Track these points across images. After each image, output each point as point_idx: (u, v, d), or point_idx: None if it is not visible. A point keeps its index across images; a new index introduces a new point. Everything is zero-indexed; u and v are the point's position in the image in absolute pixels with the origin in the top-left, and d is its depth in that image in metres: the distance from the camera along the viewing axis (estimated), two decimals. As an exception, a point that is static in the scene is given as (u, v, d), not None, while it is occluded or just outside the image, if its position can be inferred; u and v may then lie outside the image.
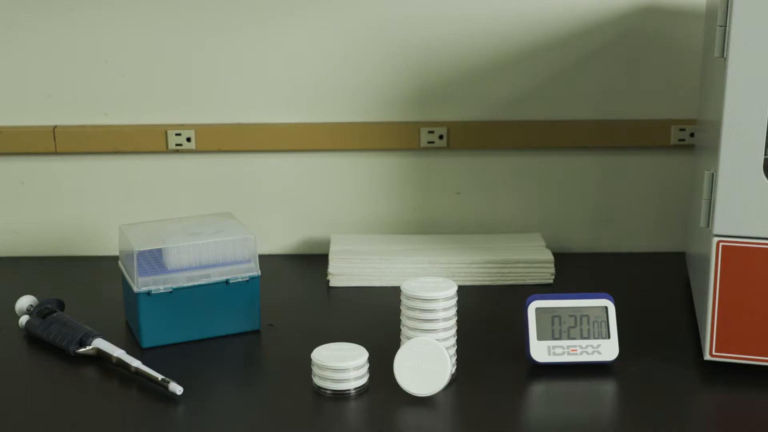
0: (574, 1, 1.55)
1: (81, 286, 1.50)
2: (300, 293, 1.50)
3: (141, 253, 1.28)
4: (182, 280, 1.28)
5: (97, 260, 1.59)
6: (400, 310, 1.19)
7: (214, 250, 1.30)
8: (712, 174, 1.17)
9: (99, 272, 1.54)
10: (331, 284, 1.50)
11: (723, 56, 1.13)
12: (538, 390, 1.19)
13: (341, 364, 1.14)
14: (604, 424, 1.13)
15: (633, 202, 1.64)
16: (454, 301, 1.18)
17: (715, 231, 1.17)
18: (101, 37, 1.56)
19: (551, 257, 1.51)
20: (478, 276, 1.50)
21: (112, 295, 1.41)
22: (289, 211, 1.64)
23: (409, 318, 1.17)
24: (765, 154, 1.15)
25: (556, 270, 1.52)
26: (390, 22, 1.56)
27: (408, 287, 1.17)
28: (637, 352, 1.26)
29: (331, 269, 1.50)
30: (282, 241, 1.65)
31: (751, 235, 1.16)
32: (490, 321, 1.36)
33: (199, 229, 1.34)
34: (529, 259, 1.51)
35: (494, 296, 1.46)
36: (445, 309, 1.17)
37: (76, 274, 1.56)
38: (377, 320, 1.35)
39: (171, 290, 1.27)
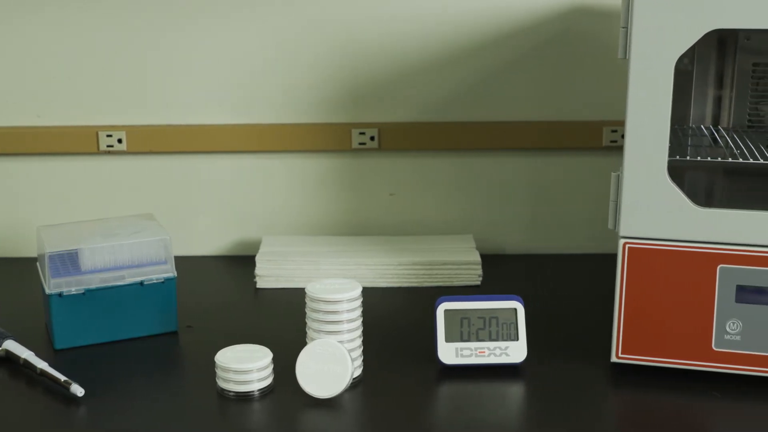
0: (506, 2, 1.55)
1: (6, 288, 1.50)
2: (227, 294, 1.50)
3: (54, 255, 1.28)
4: (96, 282, 1.28)
5: (27, 261, 1.58)
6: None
7: (129, 252, 1.30)
8: (618, 176, 1.17)
9: (27, 273, 1.53)
10: (258, 286, 1.50)
11: (626, 57, 1.13)
12: (445, 392, 1.19)
13: (244, 366, 1.14)
14: (509, 426, 1.13)
15: (567, 203, 1.64)
16: (359, 302, 1.18)
17: (621, 233, 1.17)
18: (33, 39, 1.56)
19: (478, 259, 1.51)
20: (404, 277, 1.50)
21: (35, 296, 1.41)
22: (221, 213, 1.64)
23: (314, 320, 1.17)
24: (669, 156, 1.15)
25: (488, 271, 1.52)
26: (321, 24, 1.56)
27: (312, 289, 1.17)
28: (550, 354, 1.26)
29: (257, 271, 1.50)
30: (215, 242, 1.65)
31: (657, 237, 1.16)
32: (407, 323, 1.36)
33: (117, 230, 1.33)
34: (456, 260, 1.51)
35: (419, 298, 1.46)
36: (349, 311, 1.16)
37: (2, 275, 1.56)
38: (301, 322, 1.34)
39: (83, 292, 1.27)
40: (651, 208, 1.15)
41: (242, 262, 1.60)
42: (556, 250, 1.65)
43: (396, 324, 1.36)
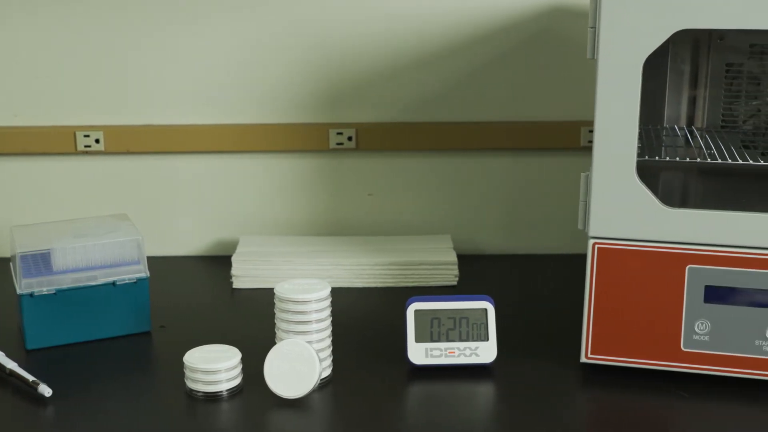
0: (484, 2, 1.55)
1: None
2: (203, 295, 1.50)
3: (25, 255, 1.28)
4: (68, 282, 1.28)
5: (2, 261, 1.59)
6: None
7: (102, 252, 1.30)
8: (587, 176, 1.17)
9: (1, 273, 1.53)
10: (234, 286, 1.50)
11: (594, 57, 1.13)
12: (415, 392, 1.19)
13: (212, 366, 1.14)
14: (477, 426, 1.13)
15: (545, 203, 1.64)
16: (328, 302, 1.18)
17: (591, 233, 1.17)
18: (10, 39, 1.56)
19: (455, 259, 1.51)
20: (380, 278, 1.50)
21: (8, 297, 1.41)
22: (200, 213, 1.64)
23: (282, 320, 1.17)
24: (642, 156, 1.15)
25: (466, 271, 1.52)
26: (298, 24, 1.56)
27: (281, 289, 1.17)
28: (521, 354, 1.26)
29: (234, 271, 1.50)
30: (193, 242, 1.65)
31: (626, 237, 1.16)
32: (381, 323, 1.36)
33: (90, 230, 1.33)
34: (433, 260, 1.51)
35: (395, 298, 1.46)
36: (318, 311, 1.16)
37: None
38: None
39: (54, 292, 1.27)
40: (620, 208, 1.15)
41: (220, 262, 1.60)
42: (534, 250, 1.65)
43: (369, 324, 1.36)
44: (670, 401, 1.14)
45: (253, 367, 1.18)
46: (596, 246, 1.17)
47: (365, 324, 1.36)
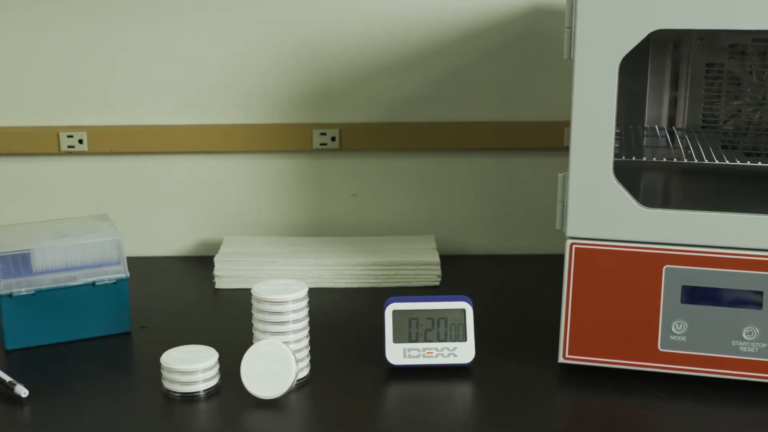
0: (468, 2, 1.55)
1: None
2: (185, 295, 1.50)
3: (5, 255, 1.27)
4: (47, 282, 1.28)
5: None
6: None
7: (81, 252, 1.30)
8: (565, 176, 1.17)
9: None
10: (216, 286, 1.50)
11: (570, 58, 1.13)
12: (392, 393, 1.19)
13: (188, 367, 1.14)
14: (455, 426, 1.13)
15: (530, 203, 1.64)
16: (305, 303, 1.18)
17: (568, 233, 1.17)
18: (-7, 39, 1.56)
19: (437, 259, 1.51)
20: (363, 278, 1.50)
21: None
22: (183, 214, 1.64)
23: (260, 321, 1.17)
24: (621, 156, 1.15)
25: (450, 272, 1.52)
26: (281, 24, 1.56)
27: (258, 290, 1.17)
28: (500, 355, 1.26)
29: (216, 271, 1.50)
30: (177, 243, 1.65)
31: (603, 238, 1.16)
32: (361, 323, 1.36)
33: (70, 231, 1.33)
34: (415, 261, 1.50)
35: (378, 298, 1.45)
36: (295, 311, 1.16)
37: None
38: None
39: (34, 292, 1.27)
40: (597, 208, 1.15)
41: (203, 262, 1.60)
42: (519, 250, 1.65)
43: (349, 325, 1.36)
44: (648, 401, 1.14)
45: (231, 368, 1.18)
46: (573, 246, 1.17)
47: (346, 324, 1.36)
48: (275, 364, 1.13)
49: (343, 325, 1.35)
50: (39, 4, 1.54)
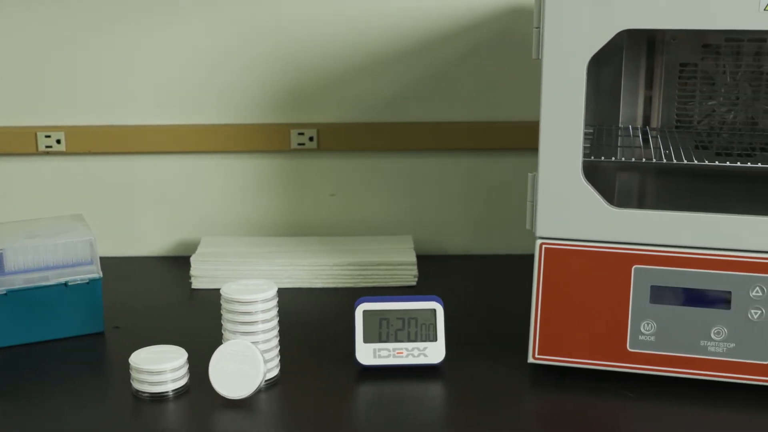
0: (446, 2, 1.55)
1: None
2: (161, 295, 1.50)
3: (-23, 256, 1.28)
4: (19, 282, 1.28)
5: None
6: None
7: (54, 252, 1.30)
8: (534, 176, 1.16)
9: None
10: (193, 286, 1.50)
11: (539, 57, 1.13)
12: (363, 393, 1.18)
13: (157, 367, 1.14)
14: (425, 426, 1.13)
15: (509, 203, 1.64)
16: (274, 303, 1.18)
17: (537, 233, 1.17)
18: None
19: (414, 259, 1.51)
20: (339, 278, 1.50)
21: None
22: (161, 214, 1.64)
23: (229, 321, 1.17)
24: (589, 156, 1.15)
25: (428, 272, 1.52)
26: (260, 23, 1.56)
27: (227, 290, 1.17)
28: (471, 355, 1.26)
29: (192, 272, 1.50)
30: (154, 243, 1.65)
31: (572, 238, 1.15)
32: (333, 324, 1.36)
33: (43, 231, 1.33)
34: (391, 261, 1.50)
35: (353, 299, 1.45)
36: (264, 311, 1.16)
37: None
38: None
39: (5, 292, 1.27)
40: (566, 208, 1.15)
41: (181, 263, 1.60)
42: (498, 250, 1.65)
43: (323, 325, 1.36)
44: (617, 401, 1.14)
45: (202, 368, 1.18)
46: (543, 246, 1.17)
47: (319, 325, 1.36)
48: (243, 365, 1.13)
49: (317, 325, 1.36)
50: (15, 6, 1.54)
